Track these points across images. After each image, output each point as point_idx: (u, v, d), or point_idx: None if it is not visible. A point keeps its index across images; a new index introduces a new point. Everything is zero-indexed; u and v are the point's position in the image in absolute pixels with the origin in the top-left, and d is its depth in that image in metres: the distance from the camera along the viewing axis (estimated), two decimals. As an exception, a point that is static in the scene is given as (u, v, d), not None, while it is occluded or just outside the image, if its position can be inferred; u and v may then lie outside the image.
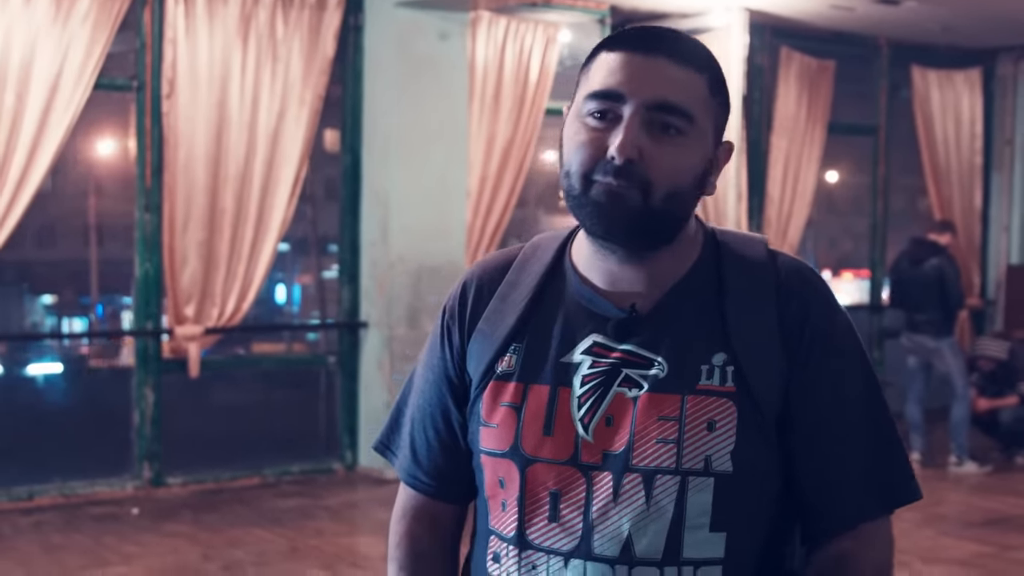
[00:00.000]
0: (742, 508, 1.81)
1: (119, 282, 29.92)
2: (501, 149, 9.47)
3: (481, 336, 1.94)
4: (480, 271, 2.01)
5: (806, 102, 11.16)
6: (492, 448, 1.89)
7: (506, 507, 1.88)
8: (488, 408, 1.90)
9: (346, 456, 9.15)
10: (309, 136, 8.64)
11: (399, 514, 2.07)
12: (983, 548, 7.44)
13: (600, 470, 1.81)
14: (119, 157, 9.28)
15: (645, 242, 1.83)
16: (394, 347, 8.91)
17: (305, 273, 34.15)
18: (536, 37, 9.59)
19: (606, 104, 1.80)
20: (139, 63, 8.18)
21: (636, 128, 1.77)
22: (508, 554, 1.88)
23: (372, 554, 7.20)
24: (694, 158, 1.81)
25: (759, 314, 1.85)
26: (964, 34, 11.41)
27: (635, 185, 1.77)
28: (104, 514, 7.85)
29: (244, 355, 9.59)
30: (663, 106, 1.78)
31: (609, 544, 1.79)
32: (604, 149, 1.78)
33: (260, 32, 8.41)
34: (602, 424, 1.82)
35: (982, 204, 12.52)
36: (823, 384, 1.84)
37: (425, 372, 2.03)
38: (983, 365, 10.24)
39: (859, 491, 1.85)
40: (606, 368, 1.84)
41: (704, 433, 1.79)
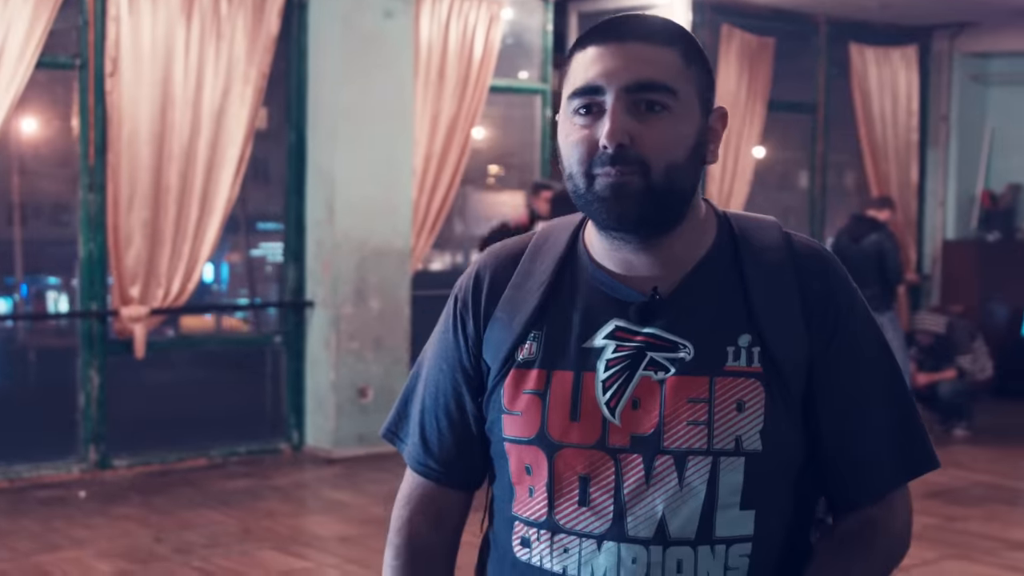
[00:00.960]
0: (770, 485, 1.85)
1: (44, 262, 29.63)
2: (445, 127, 9.46)
3: (498, 324, 1.95)
4: (493, 260, 2.01)
5: (746, 79, 11.22)
6: (517, 435, 1.90)
7: (534, 493, 1.89)
8: (510, 396, 1.91)
9: (293, 436, 9.12)
10: (253, 114, 8.58)
11: (403, 501, 2.08)
12: (928, 520, 7.53)
13: (629, 453, 1.83)
14: (49, 135, 9.12)
15: (656, 224, 1.85)
16: (340, 326, 8.88)
17: (234, 251, 34.14)
18: (480, 15, 9.58)
19: (588, 99, 1.82)
20: (82, 41, 8.07)
21: (620, 113, 1.80)
22: (539, 538, 1.89)
23: (323, 534, 7.19)
24: (684, 129, 1.83)
25: (781, 294, 1.88)
26: (901, 12, 11.52)
27: (633, 168, 1.79)
28: (51, 497, 7.77)
29: (187, 335, 9.48)
30: (641, 86, 1.80)
31: (643, 526, 1.82)
32: (596, 142, 1.81)
33: (204, 10, 8.33)
34: (629, 407, 1.84)
35: (918, 180, 12.66)
36: (847, 359, 1.89)
37: (437, 361, 2.03)
38: (921, 339, 10.37)
39: (886, 462, 1.91)
40: (631, 352, 1.86)
41: (734, 413, 1.82)
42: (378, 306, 9.00)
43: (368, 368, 8.99)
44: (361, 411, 8.96)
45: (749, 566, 1.84)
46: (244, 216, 9.32)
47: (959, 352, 10.31)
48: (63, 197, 8.88)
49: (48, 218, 10.87)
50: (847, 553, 1.90)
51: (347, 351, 8.90)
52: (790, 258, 1.91)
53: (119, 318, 8.21)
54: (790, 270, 1.89)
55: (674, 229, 1.87)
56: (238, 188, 8.56)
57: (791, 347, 1.85)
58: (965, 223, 12.76)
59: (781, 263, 1.90)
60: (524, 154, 10.66)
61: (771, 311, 1.86)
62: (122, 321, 8.20)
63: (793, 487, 1.89)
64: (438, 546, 2.07)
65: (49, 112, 8.73)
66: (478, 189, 11.12)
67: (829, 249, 2.00)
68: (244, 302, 10.37)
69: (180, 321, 9.72)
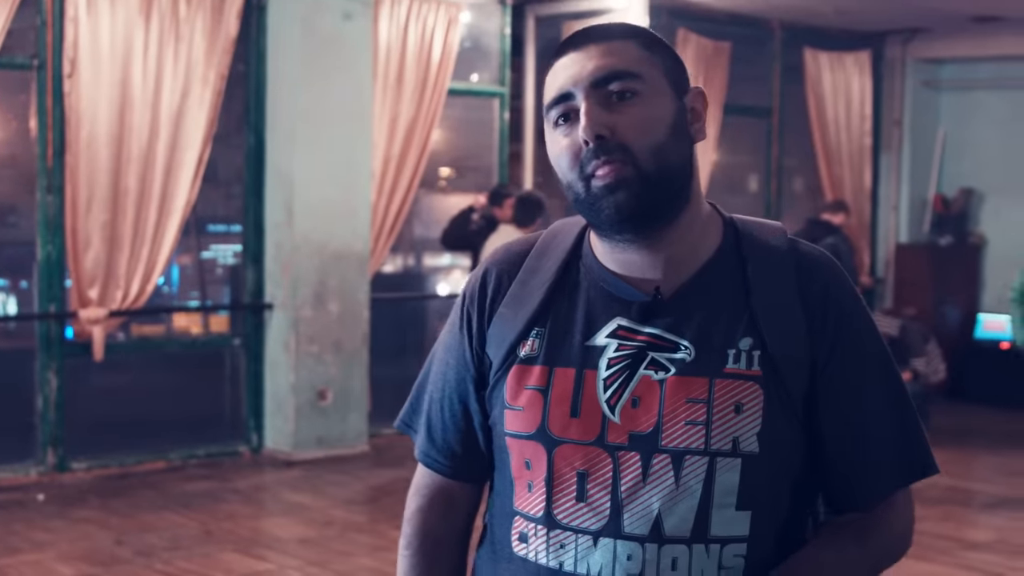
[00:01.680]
0: (767, 487, 1.87)
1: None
2: (404, 129, 9.47)
3: (502, 320, 1.98)
4: (501, 258, 2.05)
5: (702, 83, 11.26)
6: (518, 430, 1.93)
7: (532, 488, 1.92)
8: (513, 391, 1.94)
9: (252, 439, 9.10)
10: (212, 116, 8.55)
11: (414, 491, 2.12)
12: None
13: (627, 450, 1.85)
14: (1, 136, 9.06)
15: (657, 214, 1.87)
16: (300, 328, 8.87)
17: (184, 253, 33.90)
18: (438, 18, 9.59)
19: (563, 107, 1.88)
20: (40, 41, 8.03)
21: (593, 109, 1.84)
22: (537, 534, 1.92)
23: (285, 536, 7.18)
24: (658, 110, 1.87)
25: (784, 299, 1.91)
26: (855, 17, 11.62)
27: (619, 158, 1.83)
28: (8, 500, 7.72)
29: (144, 337, 9.43)
30: (606, 78, 1.85)
31: (639, 523, 1.84)
32: (579, 144, 1.85)
33: (163, 11, 8.30)
34: (628, 406, 1.87)
35: (871, 184, 12.76)
36: (850, 364, 1.91)
37: (444, 356, 2.07)
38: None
39: (887, 465, 1.94)
40: (632, 351, 1.88)
41: (732, 415, 1.84)
42: (337, 309, 9.00)
43: (327, 370, 8.99)
44: (320, 413, 8.96)
45: (744, 566, 1.86)
46: (194, 218, 9.29)
47: (913, 355, 10.38)
48: (15, 199, 8.81)
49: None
50: (845, 537, 1.93)
51: (306, 353, 8.89)
52: (793, 263, 1.93)
53: (77, 320, 8.17)
54: (792, 275, 1.92)
55: (675, 223, 1.90)
56: (196, 191, 8.54)
57: (792, 351, 1.88)
58: (918, 227, 12.89)
59: (784, 268, 1.93)
60: (482, 157, 10.68)
61: (773, 315, 1.89)
62: (80, 323, 8.17)
63: (790, 489, 1.92)
64: (448, 535, 2.10)
65: (6, 113, 8.66)
66: (432, 191, 11.13)
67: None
68: (197, 305, 10.33)
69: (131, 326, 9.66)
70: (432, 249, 10.86)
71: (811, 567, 1.88)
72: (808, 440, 1.91)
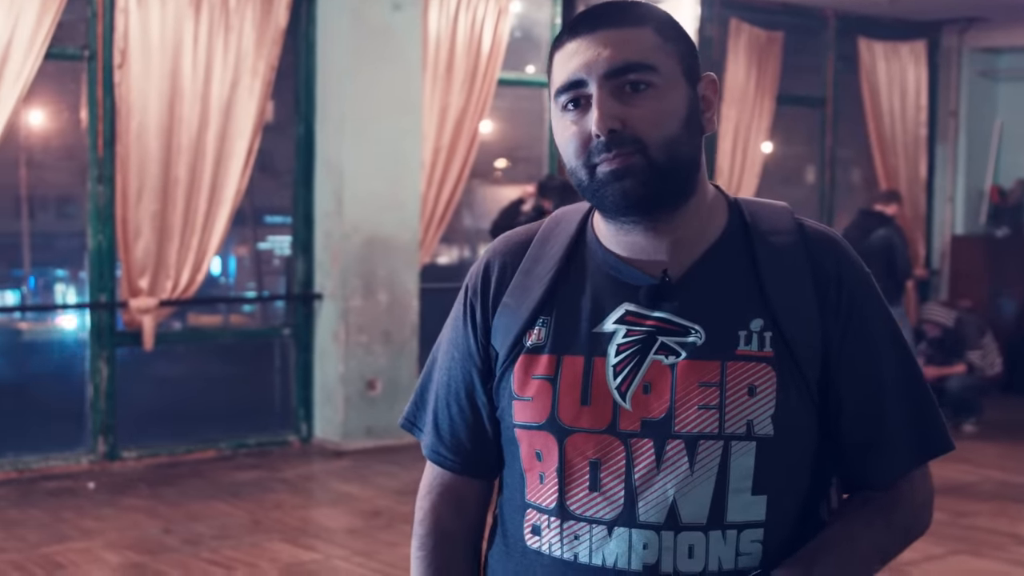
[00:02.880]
0: (782, 470, 1.84)
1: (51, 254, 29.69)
2: (454, 120, 9.45)
3: (506, 310, 1.95)
4: (503, 247, 2.02)
5: (755, 74, 11.21)
6: (527, 421, 1.90)
7: (544, 479, 1.89)
8: (520, 382, 1.91)
9: (301, 428, 9.12)
10: (262, 107, 8.57)
11: (424, 491, 2.08)
12: (937, 515, 7.42)
13: (640, 437, 1.82)
14: (55, 127, 9.11)
15: (663, 200, 1.85)
16: (349, 318, 8.87)
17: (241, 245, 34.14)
18: (488, 8, 9.56)
19: (574, 93, 1.84)
20: (90, 32, 8.07)
21: (606, 100, 1.81)
22: (550, 526, 1.89)
23: (332, 526, 7.19)
24: (673, 102, 1.84)
25: (794, 278, 1.88)
26: (910, 6, 11.49)
27: (630, 149, 1.80)
28: (60, 488, 7.78)
29: (196, 328, 9.48)
30: (620, 69, 1.81)
31: (654, 511, 1.81)
32: (589, 134, 1.82)
33: (212, 2, 8.33)
34: (639, 392, 1.84)
35: (927, 175, 12.63)
36: (863, 343, 1.89)
37: (449, 349, 2.04)
38: (929, 330, 10.34)
39: (903, 444, 1.91)
40: (641, 336, 1.86)
41: (745, 398, 1.81)
42: (386, 299, 9.00)
43: (376, 361, 8.99)
44: (369, 404, 8.96)
45: (762, 552, 1.83)
46: (251, 209, 9.33)
47: (968, 347, 10.29)
48: (70, 189, 8.88)
49: (55, 211, 10.88)
50: (871, 511, 1.90)
51: (356, 344, 8.90)
52: (802, 242, 1.91)
53: (128, 309, 8.21)
54: (802, 254, 1.89)
55: (681, 208, 1.87)
56: (247, 181, 8.56)
57: (805, 331, 1.85)
58: (974, 218, 12.75)
59: (793, 247, 1.90)
60: (532, 148, 10.66)
61: (784, 295, 1.86)
62: (131, 312, 8.20)
63: (805, 472, 1.89)
64: (461, 533, 2.06)
65: (58, 104, 8.72)
66: (485, 183, 11.11)
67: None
68: (252, 295, 10.37)
69: (187, 316, 9.73)
70: (486, 240, 10.85)
71: (843, 539, 1.86)
72: (822, 420, 1.89)
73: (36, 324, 19.11)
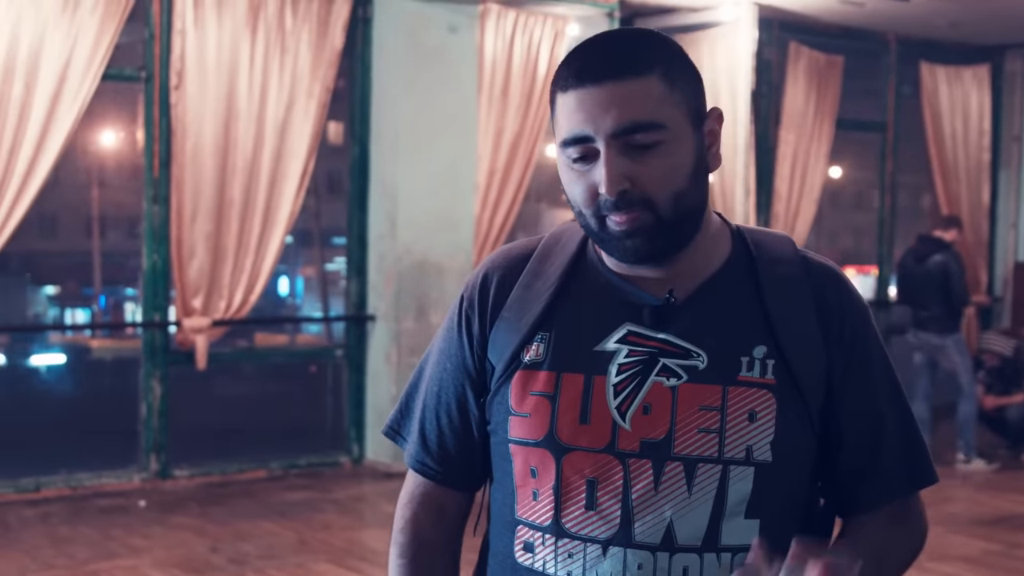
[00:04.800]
0: (777, 495, 1.86)
1: (121, 273, 30.03)
2: (509, 142, 9.45)
3: (505, 324, 1.95)
4: (502, 260, 2.01)
5: (814, 98, 11.13)
6: (524, 437, 1.90)
7: (538, 496, 1.89)
8: (518, 397, 1.90)
9: (353, 449, 9.14)
10: (317, 128, 8.62)
11: (405, 500, 2.09)
12: (991, 546, 7.43)
13: (638, 458, 1.83)
14: (123, 149, 9.25)
15: (673, 250, 1.86)
16: (402, 340, 8.89)
17: (308, 265, 34.23)
18: (545, 30, 9.57)
19: (580, 148, 1.81)
20: (147, 54, 8.16)
21: (614, 161, 1.78)
22: (544, 543, 1.88)
23: (380, 548, 7.18)
24: (681, 156, 1.81)
25: (798, 307, 1.89)
26: (972, 31, 11.39)
27: (639, 208, 1.79)
28: (111, 506, 7.84)
29: (250, 347, 9.55)
30: (629, 129, 1.78)
31: (651, 532, 1.81)
32: (597, 188, 1.80)
33: (269, 23, 8.39)
34: (639, 413, 1.84)
35: (990, 201, 12.49)
36: (865, 375, 1.92)
37: (440, 360, 2.03)
38: (988, 360, 10.22)
39: (897, 471, 1.95)
40: (643, 357, 1.86)
41: (745, 424, 1.82)
42: (439, 321, 8.98)
43: (428, 383, 8.98)
44: (420, 425, 8.95)
45: None
46: (319, 230, 9.38)
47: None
48: (122, 209, 9.01)
49: (125, 230, 11.01)
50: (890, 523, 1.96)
51: (408, 365, 8.91)
52: (805, 272, 1.92)
53: (181, 329, 8.27)
54: (805, 284, 1.90)
55: (686, 246, 1.88)
56: (300, 202, 8.61)
57: (809, 360, 1.87)
58: (1037, 245, 12.60)
59: (797, 277, 1.91)
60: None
61: (788, 324, 1.87)
62: (184, 332, 8.26)
63: (800, 497, 1.92)
64: (442, 543, 2.08)
65: (114, 124, 8.83)
66: (553, 206, 11.11)
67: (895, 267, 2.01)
68: (319, 315, 10.41)
69: (254, 335, 9.81)
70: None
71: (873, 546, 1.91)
72: (820, 447, 1.91)
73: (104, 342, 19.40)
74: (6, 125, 7.53)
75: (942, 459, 9.65)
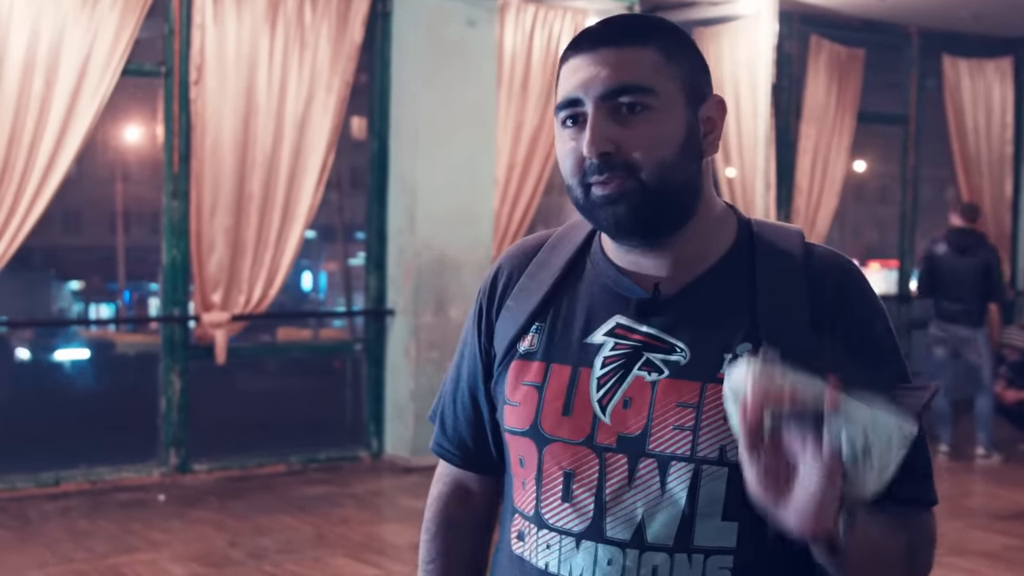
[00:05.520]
0: None
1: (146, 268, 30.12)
2: (529, 136, 9.44)
3: (508, 314, 1.96)
4: (516, 251, 2.03)
5: (836, 91, 11.10)
6: (514, 427, 1.91)
7: (526, 486, 1.90)
8: (512, 386, 1.92)
9: (372, 444, 9.15)
10: (336, 123, 8.63)
11: (436, 479, 2.14)
12: (1011, 541, 7.40)
13: (615, 452, 1.81)
14: (146, 144, 9.29)
15: (656, 224, 1.82)
16: (421, 335, 8.89)
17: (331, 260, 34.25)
18: (564, 24, 9.56)
19: (571, 111, 1.82)
20: (167, 49, 8.17)
21: (600, 122, 1.78)
22: (530, 532, 1.90)
23: (398, 542, 7.19)
24: (669, 125, 1.80)
25: (791, 301, 1.83)
26: (995, 23, 11.33)
27: (622, 174, 1.78)
28: (130, 500, 7.87)
29: (270, 342, 9.57)
30: (616, 91, 1.78)
31: (621, 528, 1.80)
32: (583, 153, 1.80)
33: (288, 18, 8.40)
34: (619, 407, 1.82)
35: (1012, 194, 12.43)
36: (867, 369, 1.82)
37: (461, 349, 2.08)
38: (1010, 355, 10.17)
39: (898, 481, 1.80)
40: (628, 351, 1.84)
41: (720, 423, 1.76)
42: (458, 315, 9.00)
43: (447, 377, 8.98)
44: (440, 420, 8.95)
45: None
46: (342, 225, 9.39)
47: (1049, 371, 10.10)
48: (142, 204, 9.05)
49: (149, 225, 11.06)
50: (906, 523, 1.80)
51: (427, 360, 8.92)
52: (805, 268, 1.86)
53: (201, 323, 8.29)
54: (803, 280, 1.85)
55: (680, 231, 1.85)
56: (319, 197, 8.62)
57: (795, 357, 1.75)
58: (1061, 238, 12.53)
59: (794, 272, 1.85)
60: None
61: (778, 319, 1.82)
62: (203, 327, 8.28)
63: None
64: (468, 523, 2.11)
65: (135, 119, 8.86)
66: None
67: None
68: (336, 310, 10.43)
69: (276, 330, 9.83)
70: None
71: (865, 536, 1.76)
72: None
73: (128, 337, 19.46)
74: (27, 120, 7.56)
75: (962, 453, 9.62)
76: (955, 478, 8.86)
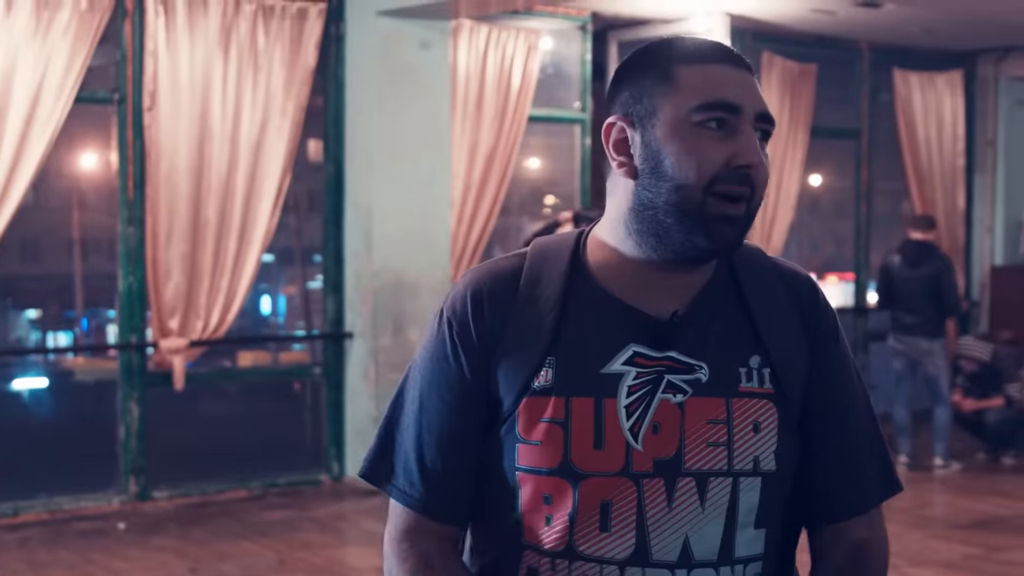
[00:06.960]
0: (777, 504, 1.89)
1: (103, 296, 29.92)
2: (484, 157, 9.46)
3: (510, 353, 1.88)
4: (489, 281, 1.92)
5: (788, 106, 11.16)
6: (535, 466, 1.86)
7: (552, 521, 1.87)
8: (526, 425, 1.86)
9: (332, 467, 9.12)
10: (291, 147, 8.62)
11: (398, 536, 1.96)
12: (971, 550, 7.44)
13: (651, 477, 1.83)
14: (101, 171, 9.22)
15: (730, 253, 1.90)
16: (379, 357, 8.89)
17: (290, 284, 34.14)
18: (518, 45, 9.59)
19: (724, 114, 1.81)
20: (120, 76, 8.15)
21: (756, 138, 1.83)
22: (555, 568, 1.86)
23: (361, 566, 7.18)
24: None
25: (782, 315, 1.92)
26: (945, 36, 11.42)
27: (748, 194, 1.81)
28: (90, 529, 7.82)
29: (229, 367, 9.51)
30: (766, 116, 1.84)
31: (668, 549, 1.83)
32: (724, 159, 1.80)
33: (241, 43, 8.39)
34: (650, 432, 1.84)
35: (965, 205, 12.53)
36: (840, 381, 1.95)
37: (435, 391, 1.92)
38: (965, 365, 10.24)
39: (870, 479, 1.96)
40: (651, 376, 1.86)
41: (751, 434, 1.85)
42: (417, 337, 9.00)
43: (407, 399, 8.96)
44: (400, 442, 8.94)
45: None
46: (300, 249, 9.35)
47: (1006, 380, 10.18)
48: (97, 231, 8.98)
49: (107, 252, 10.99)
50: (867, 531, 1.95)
51: (386, 382, 8.90)
52: (781, 281, 1.95)
53: (158, 350, 8.26)
54: (783, 293, 1.94)
55: None
56: (275, 221, 8.60)
57: (795, 368, 1.90)
58: (1013, 249, 12.62)
59: (774, 285, 1.94)
60: (565, 183, 10.64)
61: (775, 331, 1.91)
62: (161, 353, 8.25)
63: (787, 504, 1.94)
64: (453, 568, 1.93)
65: (88, 147, 8.81)
66: (535, 220, 11.09)
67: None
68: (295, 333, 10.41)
69: (237, 355, 9.78)
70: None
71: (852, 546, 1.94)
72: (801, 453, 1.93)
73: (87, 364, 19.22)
74: (-22, 149, 7.53)
75: (921, 464, 9.68)
76: (915, 488, 8.91)
